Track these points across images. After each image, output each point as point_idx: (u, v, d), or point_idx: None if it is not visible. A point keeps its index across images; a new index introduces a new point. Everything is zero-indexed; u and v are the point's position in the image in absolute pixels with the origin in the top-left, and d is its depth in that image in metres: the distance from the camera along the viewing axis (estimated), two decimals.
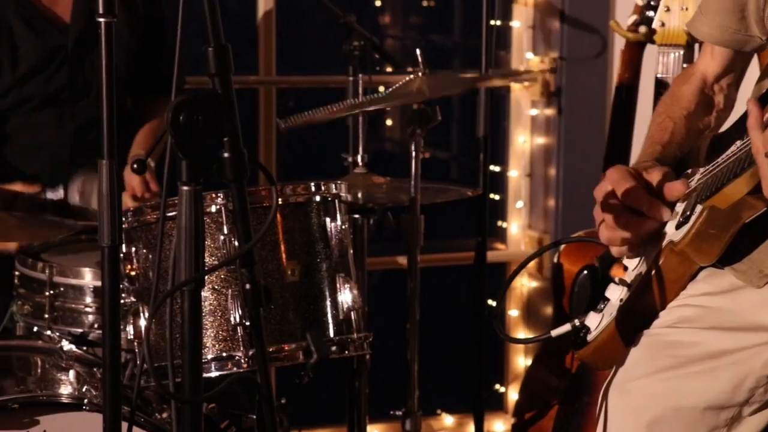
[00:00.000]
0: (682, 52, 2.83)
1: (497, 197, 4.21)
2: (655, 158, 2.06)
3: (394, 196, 2.96)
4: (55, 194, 2.81)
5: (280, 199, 2.32)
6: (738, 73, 2.19)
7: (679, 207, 1.97)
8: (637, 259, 2.04)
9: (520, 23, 4.13)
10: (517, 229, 4.20)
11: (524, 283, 4.16)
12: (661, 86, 2.85)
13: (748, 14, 2.05)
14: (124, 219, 2.35)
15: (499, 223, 4.24)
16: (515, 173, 4.20)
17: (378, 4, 5.26)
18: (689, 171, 2.06)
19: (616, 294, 2.03)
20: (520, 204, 4.19)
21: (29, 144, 2.95)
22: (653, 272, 1.99)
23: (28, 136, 2.95)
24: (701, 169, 2.00)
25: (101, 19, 1.63)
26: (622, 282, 2.03)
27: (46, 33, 2.92)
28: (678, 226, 1.94)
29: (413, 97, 2.77)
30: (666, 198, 1.98)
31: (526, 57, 4.11)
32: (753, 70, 2.22)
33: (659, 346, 2.01)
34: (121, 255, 2.34)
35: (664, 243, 1.98)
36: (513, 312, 4.18)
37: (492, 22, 3.51)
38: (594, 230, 2.05)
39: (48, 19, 2.93)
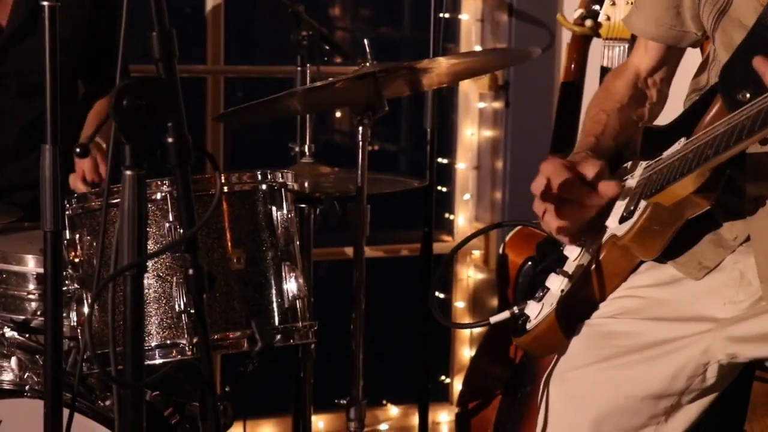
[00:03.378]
0: (627, 46, 2.86)
1: (444, 189, 4.22)
2: (589, 149, 2.08)
3: (341, 186, 2.97)
4: None
5: (226, 187, 2.32)
6: (671, 68, 2.22)
7: (622, 202, 2.00)
8: (578, 251, 2.06)
9: (468, 16, 4.14)
10: (464, 221, 4.22)
11: (470, 275, 4.18)
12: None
13: (683, 10, 2.08)
14: (68, 205, 2.34)
15: (446, 215, 4.26)
16: (463, 165, 4.22)
17: None
18: (628, 165, 2.08)
19: (556, 284, 2.05)
20: (467, 196, 4.21)
21: None
22: (594, 265, 2.02)
23: None
24: (643, 164, 2.02)
25: (45, 2, 1.62)
26: (562, 273, 2.05)
27: None
28: (621, 221, 1.96)
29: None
30: (600, 196, 2.00)
31: (474, 50, 4.12)
32: (684, 68, 2.25)
33: (599, 336, 2.04)
34: (65, 242, 2.33)
35: (606, 236, 2.01)
36: (459, 303, 4.20)
37: (441, 15, 3.52)
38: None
39: None
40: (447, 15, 3.92)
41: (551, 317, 2.04)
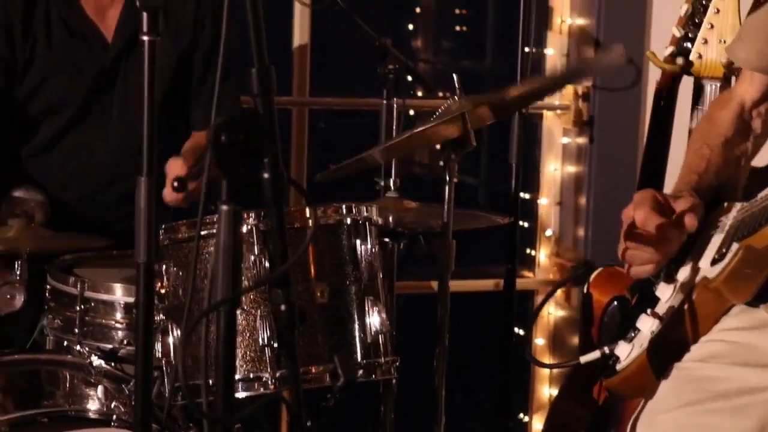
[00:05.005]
0: (719, 85, 2.83)
1: (526, 225, 4.19)
2: (691, 187, 2.05)
3: (424, 221, 2.96)
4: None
5: (310, 221, 2.32)
6: None
7: (715, 243, 1.96)
8: (669, 292, 2.03)
9: (554, 51, 4.12)
10: (546, 257, 4.19)
11: (551, 312, 4.14)
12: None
13: None
14: None
15: (528, 250, 4.23)
16: (545, 201, 4.19)
17: (411, 27, 5.27)
18: (726, 205, 2.05)
19: (647, 325, 2.02)
20: (549, 232, 4.17)
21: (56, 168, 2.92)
22: (686, 307, 2.00)
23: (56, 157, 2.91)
24: (738, 205, 1.99)
25: (145, 38, 1.64)
26: (654, 314, 2.03)
27: (83, 47, 2.84)
28: (713, 263, 1.93)
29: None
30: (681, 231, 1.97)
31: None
32: None
33: (688, 380, 2.01)
34: None
35: (698, 278, 1.98)
36: (539, 341, 4.16)
37: (527, 49, 3.51)
38: None
39: (90, 33, 2.84)
40: (533, 49, 3.91)
41: (642, 358, 2.02)
